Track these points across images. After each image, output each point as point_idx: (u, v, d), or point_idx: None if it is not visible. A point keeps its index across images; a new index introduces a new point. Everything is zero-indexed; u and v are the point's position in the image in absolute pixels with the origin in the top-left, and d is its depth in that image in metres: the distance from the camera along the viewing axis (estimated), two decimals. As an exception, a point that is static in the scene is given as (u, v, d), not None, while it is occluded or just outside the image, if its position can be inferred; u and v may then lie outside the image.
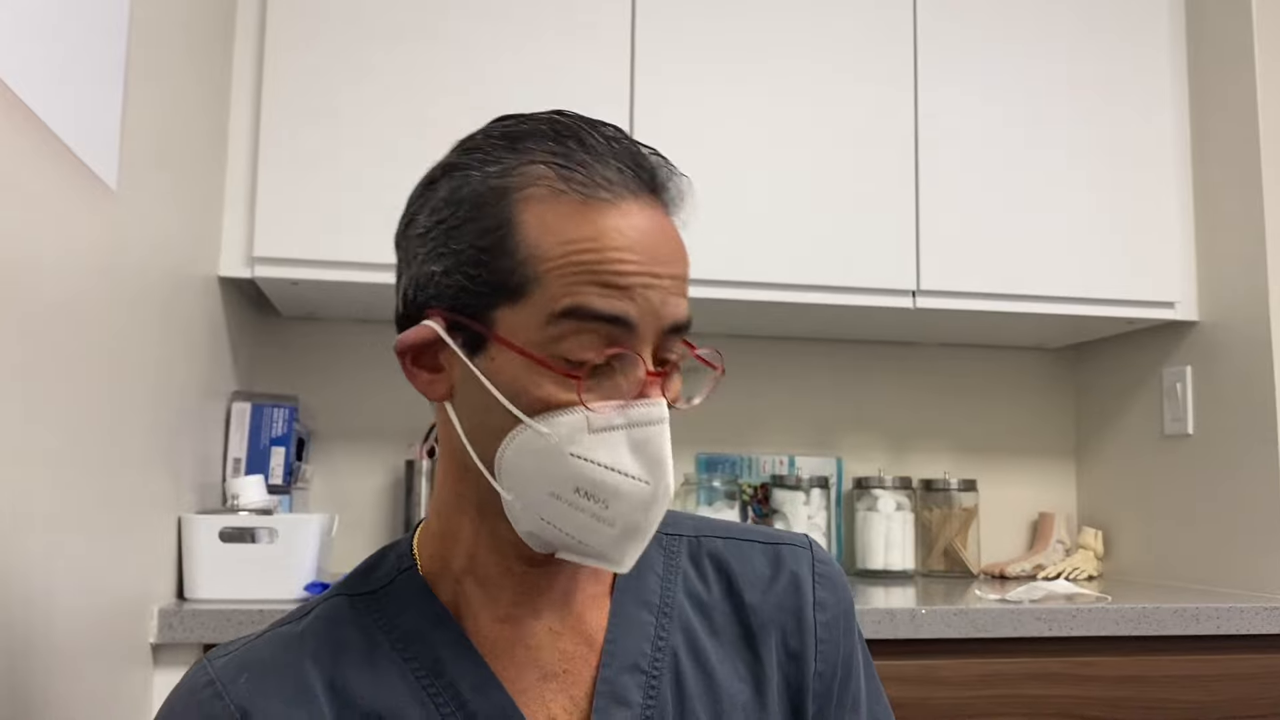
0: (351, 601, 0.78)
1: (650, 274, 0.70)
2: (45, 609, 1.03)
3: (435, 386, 0.75)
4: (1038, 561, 2.22)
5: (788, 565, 0.84)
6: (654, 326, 0.71)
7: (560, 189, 0.70)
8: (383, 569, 0.80)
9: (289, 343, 2.15)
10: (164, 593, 1.52)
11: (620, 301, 0.69)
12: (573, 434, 0.69)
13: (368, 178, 1.79)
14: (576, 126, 0.73)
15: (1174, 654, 1.68)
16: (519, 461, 0.70)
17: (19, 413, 0.96)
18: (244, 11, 1.81)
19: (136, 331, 1.31)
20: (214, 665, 0.74)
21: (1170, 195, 2.07)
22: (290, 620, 0.78)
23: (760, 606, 0.82)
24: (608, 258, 0.69)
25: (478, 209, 0.71)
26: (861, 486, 2.23)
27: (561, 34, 1.88)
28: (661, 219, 0.73)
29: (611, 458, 0.69)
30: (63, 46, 1.03)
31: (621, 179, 0.71)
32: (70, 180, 1.07)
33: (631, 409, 0.70)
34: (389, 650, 0.75)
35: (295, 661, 0.74)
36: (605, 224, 0.70)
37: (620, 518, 0.70)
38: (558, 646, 0.76)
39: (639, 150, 0.74)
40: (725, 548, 0.85)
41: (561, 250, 0.69)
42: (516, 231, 0.70)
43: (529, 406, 0.69)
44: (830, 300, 1.94)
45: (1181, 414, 2.08)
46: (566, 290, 0.69)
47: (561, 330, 0.69)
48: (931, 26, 2.01)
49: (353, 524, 2.11)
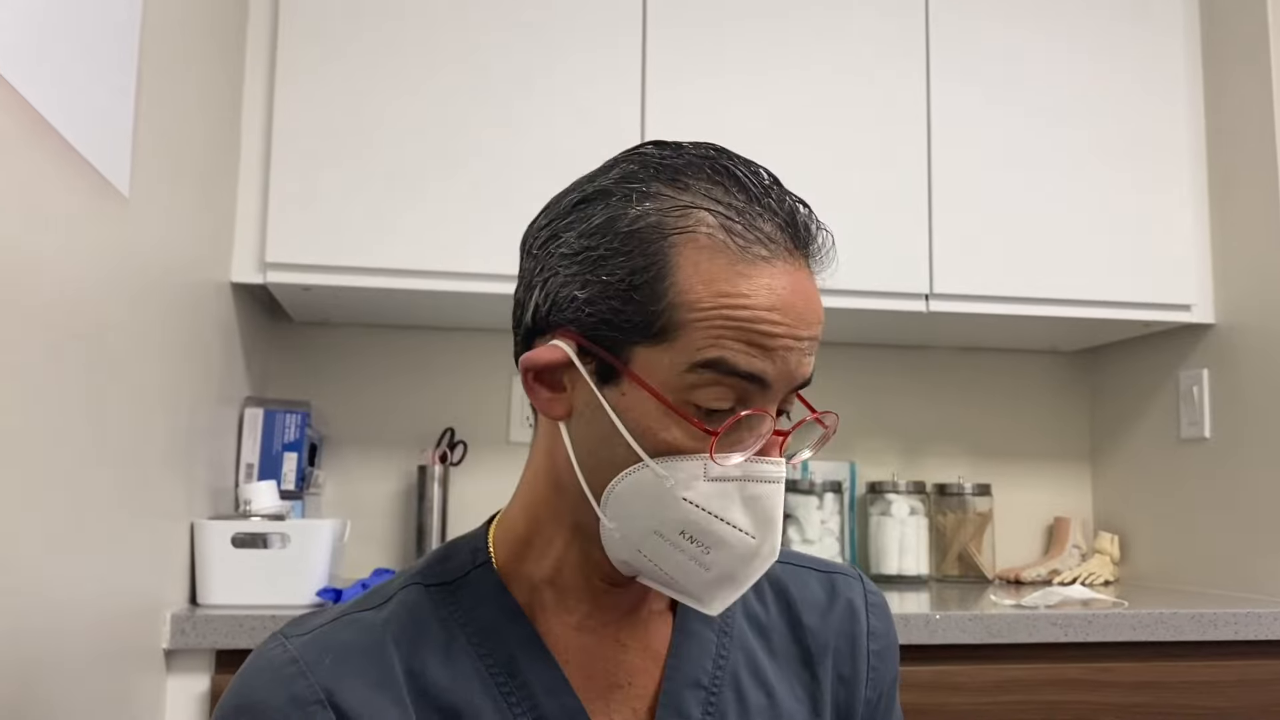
0: (428, 592, 0.78)
1: (793, 336, 0.71)
2: (59, 614, 1.04)
3: (554, 406, 0.74)
4: (1053, 566, 2.21)
5: (843, 593, 0.87)
6: (785, 384, 0.72)
7: (721, 240, 0.70)
8: (456, 560, 0.80)
9: (301, 348, 2.15)
10: (177, 598, 1.52)
11: (762, 361, 0.70)
12: (690, 480, 0.70)
13: (379, 183, 1.79)
14: (734, 169, 0.73)
15: (1191, 660, 1.67)
16: (630, 497, 0.71)
17: (34, 418, 0.96)
18: (256, 17, 1.82)
19: (150, 337, 1.31)
20: (293, 644, 0.74)
21: (1186, 197, 2.06)
22: (368, 606, 0.77)
23: (819, 630, 0.85)
24: (759, 316, 0.69)
25: (633, 243, 0.70)
26: (875, 491, 2.22)
27: (573, 39, 1.88)
28: (806, 280, 0.73)
29: (723, 508, 0.70)
30: (76, 54, 1.03)
31: (780, 236, 0.72)
32: (84, 188, 1.07)
33: (751, 465, 0.71)
34: (465, 644, 0.75)
35: (378, 647, 0.74)
36: (759, 282, 0.70)
37: (719, 565, 0.71)
38: (623, 658, 0.78)
39: (794, 204, 0.74)
40: (783, 572, 0.87)
41: (713, 302, 0.69)
42: (671, 274, 0.69)
43: (653, 448, 0.70)
44: (843, 304, 1.93)
45: (1198, 418, 2.07)
46: (711, 342, 0.69)
47: (699, 380, 0.69)
48: (943, 29, 2.00)
49: (365, 529, 2.11)
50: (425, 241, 1.79)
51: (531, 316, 0.75)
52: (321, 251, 1.77)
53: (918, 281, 1.94)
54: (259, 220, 1.78)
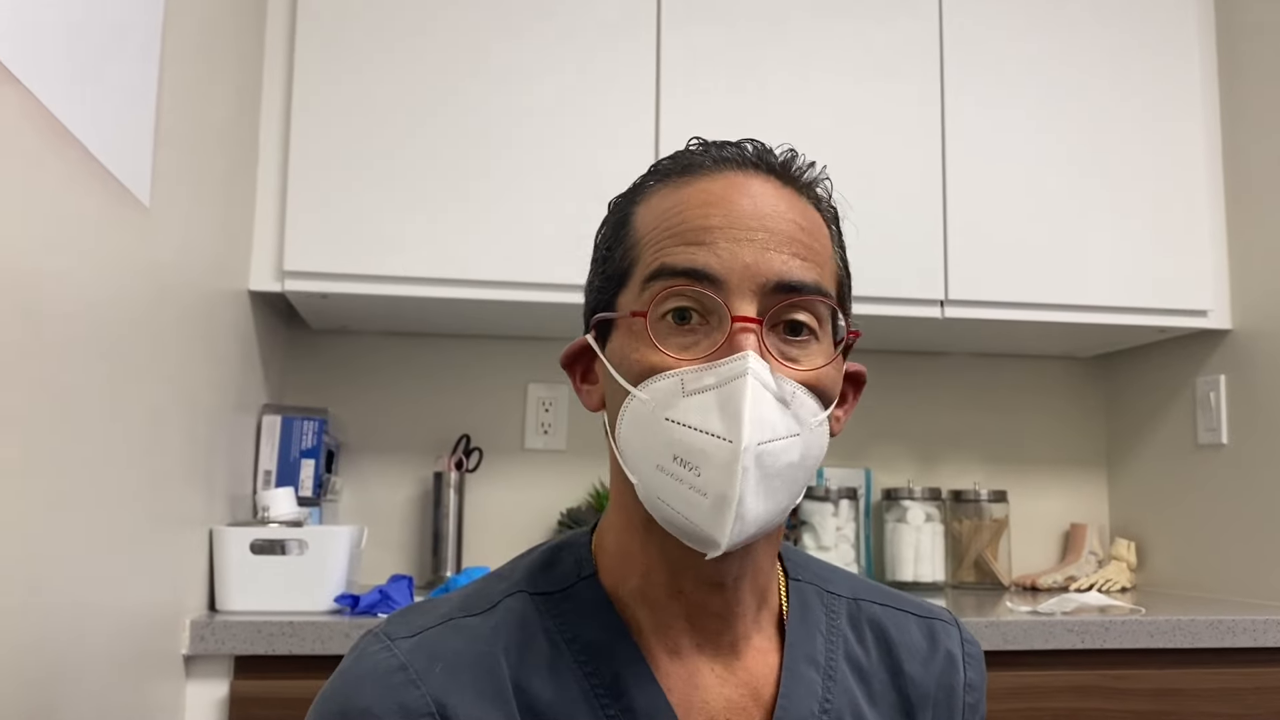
0: (534, 601, 0.75)
1: (741, 227, 0.71)
2: (80, 619, 1.05)
3: (591, 396, 0.77)
4: (1070, 573, 2.20)
5: (943, 642, 0.85)
6: (749, 282, 0.70)
7: (665, 177, 0.76)
8: (561, 569, 0.77)
9: (319, 355, 2.17)
10: (196, 604, 1.53)
11: (703, 255, 0.70)
12: (669, 398, 0.69)
13: (397, 191, 1.80)
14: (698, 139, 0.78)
15: (1209, 667, 1.66)
16: (630, 436, 0.71)
17: (56, 425, 0.97)
18: (273, 27, 1.83)
19: (169, 345, 1.33)
20: (400, 648, 0.71)
21: (1202, 202, 2.05)
22: (474, 611, 0.74)
23: (920, 679, 0.82)
24: (691, 214, 0.72)
25: (609, 221, 0.78)
26: (891, 498, 2.22)
27: (589, 52, 1.89)
28: (773, 189, 0.74)
29: (702, 419, 0.67)
30: (98, 65, 1.05)
31: (730, 155, 0.75)
32: (106, 197, 1.09)
33: (720, 367, 0.68)
34: (571, 660, 0.73)
35: (489, 659, 0.71)
36: (694, 188, 0.73)
37: (710, 485, 0.67)
38: (723, 693, 0.75)
39: (762, 144, 0.77)
40: (884, 615, 0.84)
41: (655, 223, 0.73)
42: (630, 225, 0.76)
43: (631, 374, 0.71)
44: (858, 310, 1.91)
45: (1215, 424, 2.06)
46: (654, 256, 0.72)
47: (654, 294, 0.70)
48: (958, 36, 2.00)
49: (381, 536, 2.12)
50: (442, 249, 1.80)
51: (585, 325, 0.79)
52: (339, 260, 1.78)
53: (933, 288, 1.94)
54: (277, 228, 1.79)
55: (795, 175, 0.76)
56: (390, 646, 0.71)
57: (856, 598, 0.84)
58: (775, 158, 0.76)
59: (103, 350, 1.09)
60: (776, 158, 0.76)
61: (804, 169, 0.77)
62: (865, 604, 0.84)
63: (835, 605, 0.82)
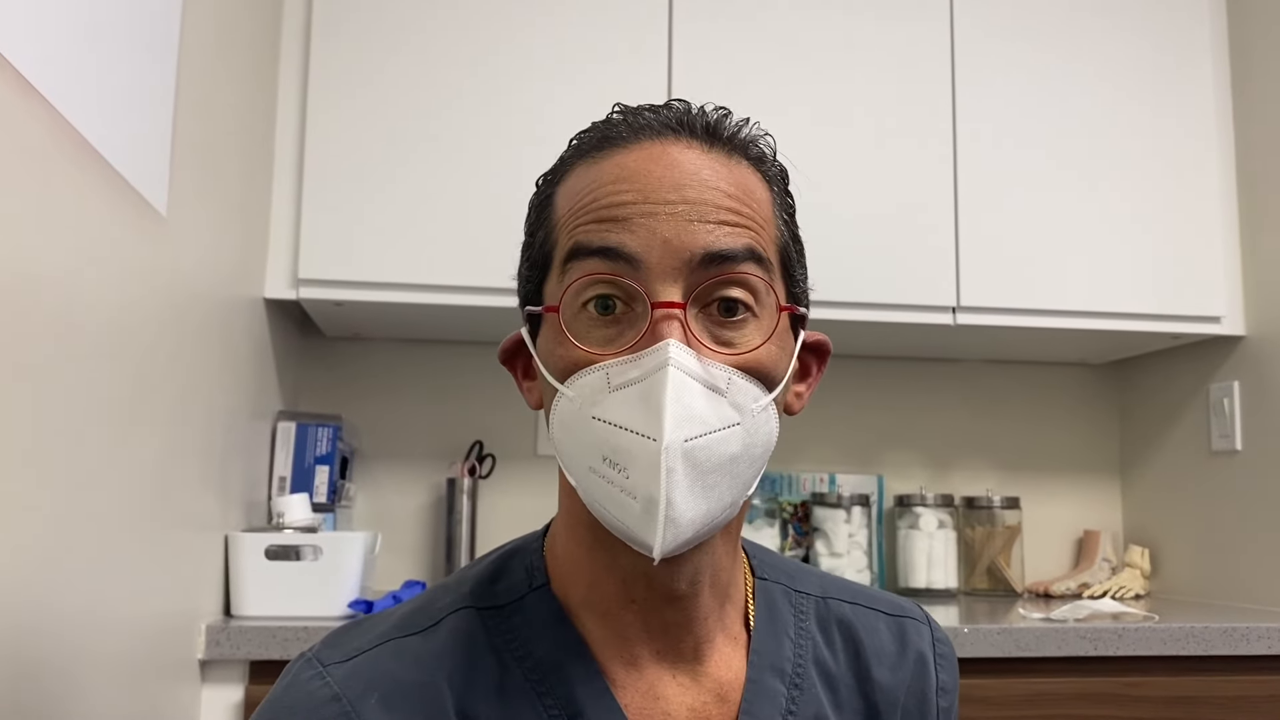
0: (481, 617, 0.70)
1: (658, 201, 0.64)
2: (97, 624, 1.06)
3: (532, 393, 0.72)
4: (1083, 580, 2.19)
5: (913, 643, 0.81)
6: (670, 259, 0.64)
7: (584, 156, 0.70)
8: (510, 580, 0.72)
9: (333, 362, 2.18)
10: (211, 609, 1.54)
11: (617, 234, 0.64)
12: (595, 395, 0.63)
13: (411, 200, 1.82)
14: (617, 107, 0.72)
15: (1223, 674, 1.65)
16: (561, 437, 0.66)
17: (74, 432, 0.98)
18: (289, 35, 1.85)
19: (185, 353, 1.34)
20: (333, 675, 0.66)
21: (1215, 207, 2.05)
22: (415, 629, 0.69)
23: (888, 685, 0.77)
24: (603, 193, 0.66)
25: (532, 206, 0.73)
26: (903, 504, 2.22)
27: (604, 59, 1.90)
28: (697, 154, 0.68)
29: (627, 416, 0.62)
30: (115, 75, 1.06)
31: (644, 123, 0.68)
32: (124, 207, 1.10)
33: (644, 358, 0.62)
34: (522, 681, 0.67)
35: (431, 688, 0.66)
36: (610, 163, 0.67)
37: (638, 487, 0.61)
38: (685, 701, 0.70)
39: (687, 104, 0.70)
40: (853, 614, 0.80)
41: (570, 202, 0.68)
42: (550, 208, 0.71)
43: (557, 370, 0.65)
44: (870, 317, 1.94)
45: (1229, 430, 2.05)
46: (569, 235, 0.66)
47: (572, 278, 0.65)
48: (969, 42, 2.01)
49: (395, 542, 2.13)
50: (455, 257, 1.81)
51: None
52: (353, 267, 1.80)
53: (945, 294, 1.94)
54: (292, 237, 1.81)
55: (726, 136, 0.70)
56: (323, 674, 0.66)
57: (826, 596, 0.80)
58: (701, 119, 0.69)
59: (121, 358, 1.10)
60: (703, 118, 0.69)
61: (737, 127, 0.70)
62: (835, 603, 0.80)
63: (804, 605, 0.78)
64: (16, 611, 0.87)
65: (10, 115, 0.84)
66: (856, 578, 2.12)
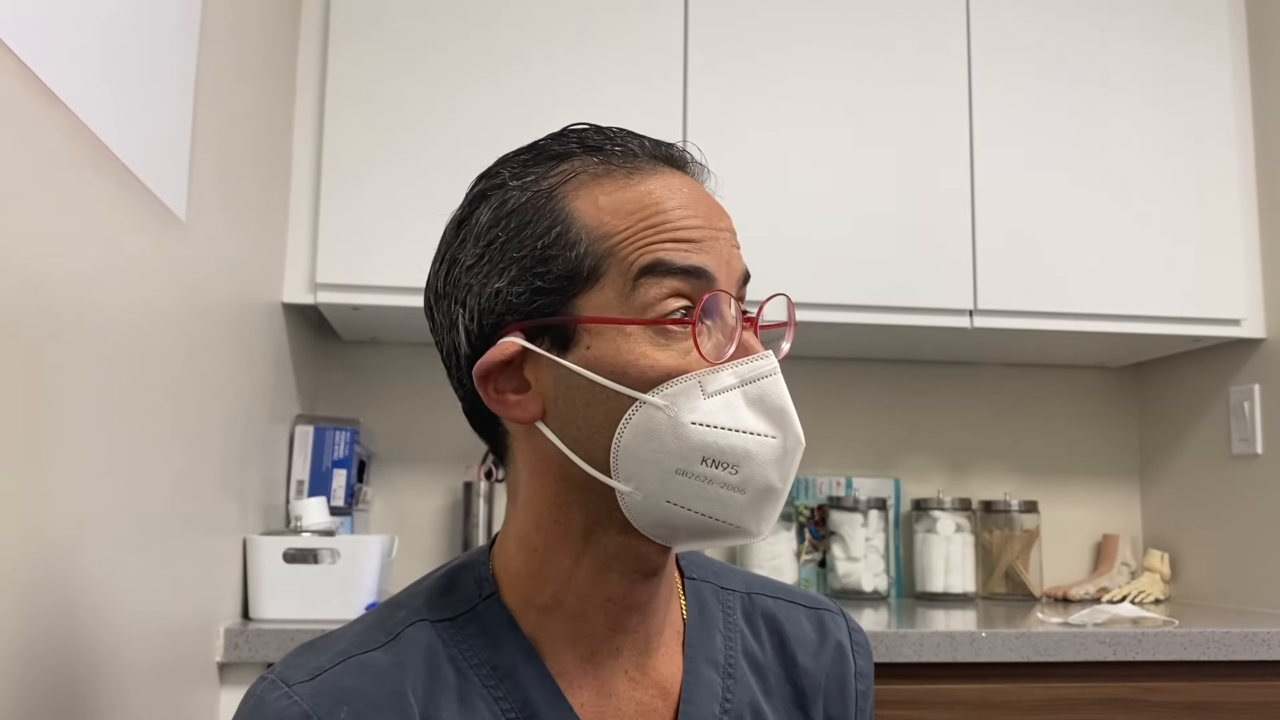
0: (436, 628, 0.73)
1: (713, 228, 0.71)
2: (116, 627, 1.06)
3: (526, 406, 0.71)
4: (1102, 584, 2.18)
5: (832, 633, 0.86)
6: (729, 279, 0.72)
7: (603, 170, 0.72)
8: (461, 592, 0.75)
9: (350, 366, 2.19)
10: (230, 612, 1.55)
11: (698, 255, 0.70)
12: (690, 402, 0.67)
13: (428, 205, 1.82)
14: (588, 125, 0.75)
15: (1243, 680, 1.64)
16: (637, 445, 0.68)
17: (95, 436, 0.99)
18: (307, 40, 1.86)
19: (204, 358, 1.35)
20: (299, 693, 0.68)
21: (1235, 208, 2.04)
22: (372, 645, 0.72)
23: (812, 670, 0.83)
24: (673, 215, 0.70)
25: (529, 214, 0.71)
26: (920, 508, 2.21)
27: (620, 68, 1.90)
28: (696, 183, 0.75)
29: (733, 419, 0.68)
30: (135, 83, 1.07)
31: (650, 150, 0.74)
32: (145, 214, 1.11)
33: (741, 366, 0.69)
34: (480, 687, 0.71)
35: (397, 699, 0.68)
36: (658, 186, 0.72)
37: (752, 481, 0.68)
38: (634, 695, 0.75)
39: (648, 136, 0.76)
40: (776, 608, 0.85)
41: (627, 221, 0.70)
42: (575, 220, 0.70)
43: (638, 382, 0.68)
44: (887, 320, 1.93)
45: (1250, 434, 2.04)
46: (642, 251, 0.69)
47: (645, 291, 0.68)
48: (985, 45, 2.00)
49: (412, 545, 2.13)
50: (471, 261, 1.82)
51: (469, 343, 0.72)
52: (370, 272, 1.81)
53: (962, 297, 1.94)
54: (309, 241, 1.82)
55: (701, 169, 0.77)
56: (290, 693, 0.67)
57: (750, 592, 0.85)
58: (680, 152, 0.76)
59: (141, 363, 1.11)
60: (681, 152, 0.76)
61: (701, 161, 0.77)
62: (759, 598, 0.85)
63: (730, 601, 0.83)
64: (39, 614, 0.88)
65: (34, 125, 0.85)
66: (874, 582, 2.12)
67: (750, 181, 1.91)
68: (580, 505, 0.71)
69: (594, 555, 0.72)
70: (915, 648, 1.57)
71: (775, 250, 1.89)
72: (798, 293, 1.86)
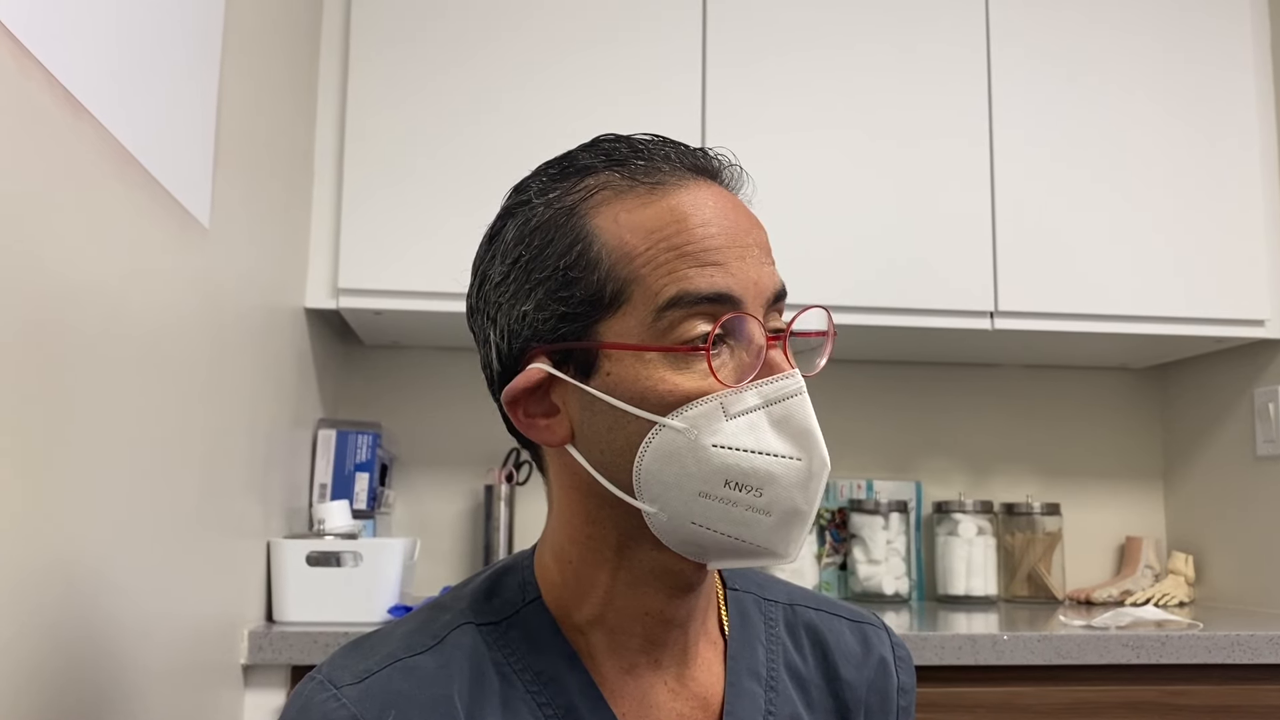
0: (480, 632, 0.73)
1: (738, 244, 0.69)
2: (141, 630, 1.08)
3: (555, 430, 0.72)
4: (1125, 587, 2.17)
5: (875, 646, 0.85)
6: (757, 298, 0.69)
7: (625, 186, 0.70)
8: (504, 596, 0.76)
9: (372, 371, 2.20)
10: (254, 615, 1.57)
11: (722, 277, 0.68)
12: (711, 424, 0.67)
13: (449, 210, 1.83)
14: (618, 137, 0.74)
15: (1269, 683, 1.63)
16: (659, 468, 0.68)
17: (121, 441, 1.00)
18: (328, 46, 1.87)
19: (228, 363, 1.36)
20: (348, 695, 0.68)
21: (1257, 209, 2.02)
22: (419, 649, 0.72)
23: (855, 683, 0.82)
24: (696, 235, 0.68)
25: (551, 232, 0.71)
26: (942, 511, 2.20)
27: (641, 74, 1.91)
28: (726, 194, 0.73)
29: (756, 441, 0.67)
30: (159, 90, 1.08)
31: (677, 160, 0.72)
32: (169, 221, 1.12)
33: (764, 386, 0.68)
34: (523, 691, 0.71)
35: (444, 702, 0.69)
36: (681, 202, 0.69)
37: (777, 504, 0.67)
38: (675, 707, 0.75)
39: (682, 144, 0.74)
40: (819, 620, 0.84)
41: (648, 242, 0.68)
42: (596, 239, 0.69)
43: (658, 406, 0.67)
44: (907, 322, 1.93)
45: (1274, 435, 2.02)
46: (666, 279, 0.67)
47: (670, 321, 0.67)
48: (1005, 45, 1.99)
49: (433, 548, 2.15)
50: (491, 266, 1.82)
51: (498, 361, 0.73)
52: (392, 277, 1.82)
53: (983, 299, 1.93)
54: (332, 247, 1.83)
55: (735, 178, 0.75)
56: (338, 695, 0.68)
57: (793, 603, 0.84)
58: (712, 161, 0.74)
59: (165, 368, 1.12)
60: (714, 161, 0.74)
61: (738, 169, 0.75)
62: (801, 609, 0.84)
63: (773, 612, 0.83)
64: (66, 617, 0.89)
65: (62, 135, 0.86)
66: (895, 585, 2.11)
67: (768, 184, 1.90)
68: (611, 521, 0.71)
69: (629, 569, 0.72)
70: (937, 651, 1.56)
71: (794, 253, 1.88)
72: (816, 295, 1.87)
